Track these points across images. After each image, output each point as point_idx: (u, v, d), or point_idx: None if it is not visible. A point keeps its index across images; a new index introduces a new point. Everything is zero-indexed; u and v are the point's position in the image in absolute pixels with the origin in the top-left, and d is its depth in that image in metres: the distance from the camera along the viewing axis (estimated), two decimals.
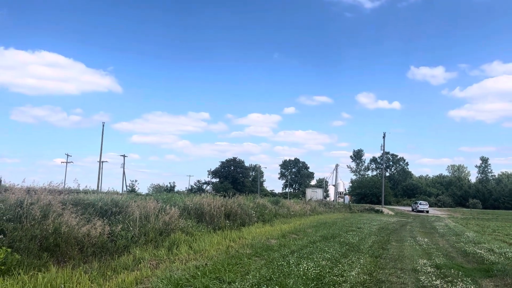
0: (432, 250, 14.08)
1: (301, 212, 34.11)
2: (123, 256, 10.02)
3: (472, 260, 12.14)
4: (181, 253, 10.74)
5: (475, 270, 10.40)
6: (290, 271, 8.61)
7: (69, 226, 9.90)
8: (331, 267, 9.55)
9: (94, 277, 7.67)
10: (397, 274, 9.39)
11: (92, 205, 12.90)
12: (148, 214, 14.14)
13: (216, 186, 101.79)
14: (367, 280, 8.41)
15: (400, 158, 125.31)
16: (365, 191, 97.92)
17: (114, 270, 8.62)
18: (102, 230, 10.93)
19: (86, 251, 9.87)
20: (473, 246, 15.27)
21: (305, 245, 13.28)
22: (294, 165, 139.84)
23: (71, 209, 11.17)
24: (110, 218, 12.75)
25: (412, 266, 10.59)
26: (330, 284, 7.75)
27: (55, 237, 9.27)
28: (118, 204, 14.05)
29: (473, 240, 17.66)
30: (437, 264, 10.95)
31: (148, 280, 7.52)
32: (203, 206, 18.17)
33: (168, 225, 14.11)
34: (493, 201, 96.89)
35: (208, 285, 7.00)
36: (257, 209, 24.25)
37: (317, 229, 19.72)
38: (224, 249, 11.60)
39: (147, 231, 12.56)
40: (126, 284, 7.18)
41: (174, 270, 8.34)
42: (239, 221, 19.50)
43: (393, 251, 13.50)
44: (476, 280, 9.05)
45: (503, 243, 17.17)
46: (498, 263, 11.09)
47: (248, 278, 7.77)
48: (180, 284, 7.05)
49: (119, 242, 10.95)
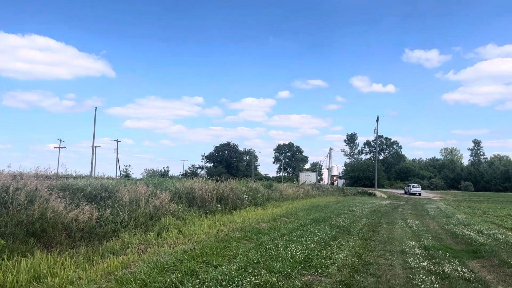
0: (422, 232, 14.16)
1: (294, 195, 34.24)
2: (111, 241, 9.97)
3: (461, 242, 12.22)
4: (170, 237, 10.70)
5: (463, 252, 10.47)
6: (278, 254, 8.60)
7: (56, 211, 9.80)
8: (320, 249, 9.56)
9: (80, 262, 7.61)
10: (386, 256, 9.42)
11: (81, 190, 12.81)
12: (138, 199, 14.09)
13: (210, 171, 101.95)
14: (355, 263, 8.42)
15: (393, 141, 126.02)
16: (358, 175, 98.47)
17: (101, 255, 8.57)
18: (91, 215, 10.85)
19: (74, 236, 9.80)
20: (462, 228, 15.39)
21: (295, 228, 13.29)
22: (288, 149, 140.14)
23: (59, 194, 11.06)
24: (100, 203, 12.68)
25: (401, 248, 10.64)
26: (318, 267, 7.75)
27: (42, 223, 9.19)
28: (108, 189, 13.97)
29: (463, 222, 17.80)
30: (426, 246, 11.01)
31: (135, 265, 7.47)
32: (195, 191, 18.14)
33: (158, 210, 14.07)
34: (485, 183, 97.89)
35: (194, 269, 6.96)
36: (249, 193, 24.28)
37: (309, 212, 19.77)
38: (214, 233, 11.58)
39: (136, 216, 12.50)
40: (112, 269, 7.12)
41: (162, 254, 8.29)
42: (231, 205, 19.52)
43: (383, 233, 13.56)
44: (463, 261, 9.10)
45: (492, 224, 17.32)
46: (486, 244, 11.17)
47: (235, 262, 7.75)
48: (166, 268, 7.00)
49: (107, 227, 10.89)
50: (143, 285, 5.99)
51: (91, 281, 6.29)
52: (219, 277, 6.44)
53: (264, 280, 6.32)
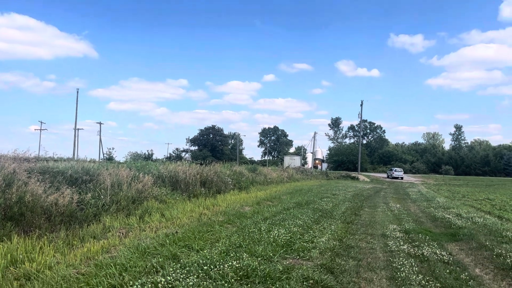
0: (403, 216, 14.38)
1: (278, 179, 34.38)
2: (92, 225, 9.84)
3: (440, 225, 12.45)
4: (152, 221, 10.62)
5: (442, 235, 10.66)
6: (261, 238, 8.61)
7: (35, 195, 9.59)
8: (302, 233, 9.61)
9: (59, 247, 7.49)
10: (367, 240, 9.53)
11: (62, 173, 12.56)
12: (121, 182, 13.90)
13: (195, 154, 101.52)
14: (336, 246, 8.50)
15: (377, 126, 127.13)
16: (342, 159, 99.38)
17: (82, 239, 8.46)
18: (71, 199, 10.65)
19: (54, 220, 9.63)
20: (442, 211, 15.68)
21: (278, 212, 13.34)
22: (273, 133, 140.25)
23: (38, 178, 10.83)
24: (81, 186, 12.47)
25: (382, 231, 10.77)
26: (300, 250, 7.78)
27: (20, 206, 8.98)
28: (89, 172, 13.74)
29: (443, 206, 18.14)
30: (406, 229, 11.18)
31: (115, 249, 7.38)
32: (178, 174, 18.01)
33: (141, 193, 13.93)
34: (465, 167, 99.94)
35: (176, 253, 6.92)
36: (233, 176, 24.26)
37: (292, 196, 19.88)
38: (197, 217, 11.53)
39: (119, 199, 12.35)
40: (92, 253, 7.03)
41: (143, 238, 8.22)
42: (215, 188, 19.48)
43: (365, 217, 13.72)
44: (442, 244, 9.27)
45: (471, 208, 17.70)
46: (465, 227, 11.39)
47: (217, 246, 7.72)
48: (148, 253, 6.94)
49: (88, 211, 10.74)
50: (123, 269, 5.92)
51: (70, 266, 6.19)
52: (200, 261, 6.41)
53: (246, 264, 6.32)
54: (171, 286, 5.23)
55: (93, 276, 5.51)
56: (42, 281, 5.34)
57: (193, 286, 5.24)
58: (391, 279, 6.37)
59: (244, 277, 5.83)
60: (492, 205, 18.94)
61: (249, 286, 5.54)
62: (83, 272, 5.82)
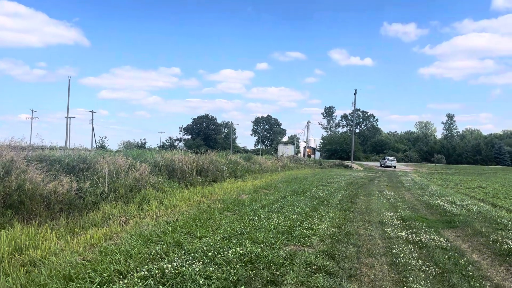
0: (398, 204, 14.55)
1: (273, 168, 34.51)
2: (92, 213, 9.86)
3: (436, 212, 12.63)
4: (151, 209, 10.65)
5: (438, 222, 10.83)
6: (261, 225, 8.70)
7: (34, 182, 9.57)
8: (301, 220, 9.71)
9: (62, 234, 7.51)
10: (365, 227, 9.66)
11: (59, 162, 12.51)
12: (118, 171, 13.89)
13: (188, 143, 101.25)
14: (335, 233, 8.61)
15: (370, 114, 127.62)
16: (335, 147, 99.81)
17: (83, 227, 8.48)
18: (70, 187, 10.64)
19: (53, 208, 9.63)
20: (436, 199, 15.88)
21: (276, 200, 13.44)
22: (266, 122, 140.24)
23: (36, 166, 10.79)
24: (78, 175, 12.44)
25: (379, 219, 10.91)
26: (300, 237, 7.88)
27: (19, 194, 8.97)
28: (86, 160, 13.70)
29: (437, 194, 18.36)
30: (403, 216, 11.33)
31: (118, 236, 7.43)
32: (175, 163, 18.01)
33: (138, 181, 13.94)
34: (457, 156, 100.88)
35: (179, 240, 6.97)
36: (229, 165, 24.31)
37: (288, 184, 20.01)
38: (196, 205, 11.59)
39: (116, 188, 12.36)
40: (95, 240, 7.06)
41: (145, 226, 8.26)
42: (211, 177, 19.54)
43: (361, 204, 13.87)
44: (438, 231, 9.43)
45: (464, 196, 17.95)
46: (460, 214, 11.57)
47: (219, 233, 7.79)
48: (150, 240, 6.99)
49: (87, 199, 10.74)
50: (128, 256, 5.97)
51: (75, 252, 6.22)
52: (204, 248, 6.48)
53: (249, 251, 6.39)
54: (177, 272, 5.28)
55: (99, 263, 5.55)
56: (49, 268, 5.37)
57: (199, 272, 5.30)
58: (392, 265, 6.49)
59: (248, 263, 5.91)
60: (485, 193, 19.22)
61: (254, 271, 5.61)
62: (89, 258, 5.86)
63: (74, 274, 5.08)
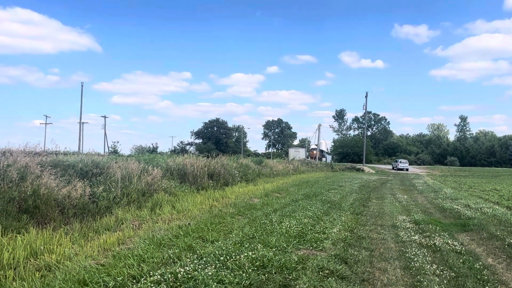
0: (411, 207, 14.42)
1: (284, 171, 34.46)
2: (105, 217, 9.95)
3: (449, 216, 12.48)
4: (164, 213, 10.72)
5: (452, 225, 10.70)
6: (273, 229, 8.69)
7: (49, 188, 9.71)
8: (313, 224, 9.68)
9: (76, 238, 7.60)
10: (377, 230, 9.59)
11: (72, 167, 12.67)
12: (130, 175, 14.02)
13: (199, 147, 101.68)
14: (348, 237, 8.56)
15: (381, 117, 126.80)
16: (346, 150, 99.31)
17: (96, 231, 8.56)
18: (83, 192, 10.78)
19: (67, 212, 9.75)
20: (450, 202, 15.70)
21: (287, 204, 13.42)
22: (277, 125, 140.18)
23: (50, 171, 10.94)
24: (91, 180, 12.58)
25: (392, 222, 10.83)
26: (312, 241, 7.86)
27: (34, 199, 9.09)
28: (99, 165, 13.85)
29: (450, 196, 18.15)
30: (416, 220, 11.22)
31: (131, 241, 7.49)
32: (186, 167, 18.11)
33: (150, 186, 14.04)
34: (470, 158, 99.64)
35: (191, 245, 7.00)
36: (240, 169, 24.35)
37: (300, 188, 19.96)
38: (207, 209, 11.63)
39: (129, 192, 12.46)
40: (108, 244, 7.13)
41: (157, 230, 8.31)
42: (222, 181, 19.58)
43: (374, 208, 13.77)
44: (453, 235, 9.32)
45: (479, 198, 17.70)
46: (474, 218, 11.42)
47: (231, 237, 7.81)
48: (163, 244, 7.03)
49: (100, 203, 10.84)
50: (141, 260, 6.01)
51: (89, 257, 6.29)
52: (216, 252, 6.50)
53: (261, 255, 6.40)
54: (190, 276, 5.31)
55: (113, 267, 5.60)
56: (64, 272, 5.43)
57: (212, 276, 5.32)
58: (405, 269, 6.43)
59: (260, 267, 5.91)
60: (499, 196, 18.92)
61: (266, 276, 5.61)
62: (102, 263, 5.92)
63: (88, 278, 5.14)
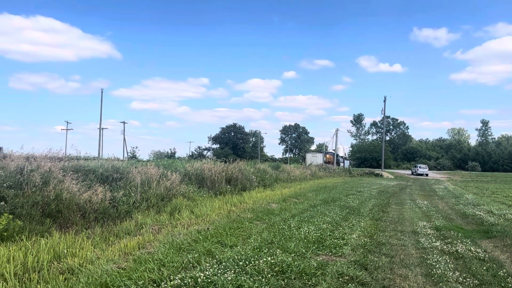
0: (431, 213, 14.19)
1: (301, 176, 34.33)
2: (125, 222, 10.08)
3: (472, 222, 12.24)
4: (182, 218, 10.80)
5: (474, 232, 10.50)
6: (291, 235, 8.67)
7: (71, 192, 9.90)
8: (332, 230, 9.62)
9: (97, 242, 7.72)
10: (398, 236, 9.47)
11: (93, 172, 12.90)
12: (150, 180, 14.18)
13: (216, 152, 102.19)
14: (367, 243, 8.48)
15: (400, 122, 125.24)
16: (365, 155, 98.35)
17: (117, 235, 8.67)
18: (104, 196, 10.95)
19: (88, 217, 9.92)
20: (472, 208, 15.39)
21: (305, 209, 13.37)
22: (294, 130, 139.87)
23: (72, 176, 11.16)
24: (111, 184, 12.78)
25: (412, 228, 10.68)
26: (331, 247, 7.80)
27: (57, 203, 9.29)
28: (119, 170, 14.05)
29: (472, 202, 17.79)
30: (437, 226, 11.04)
31: (151, 245, 7.57)
32: (204, 172, 18.21)
33: (169, 191, 14.17)
34: (493, 163, 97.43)
35: (210, 249, 7.04)
36: (257, 174, 24.36)
37: (318, 193, 19.85)
38: (226, 214, 11.67)
39: (148, 197, 12.61)
40: (129, 249, 7.22)
41: (176, 234, 8.39)
42: (240, 186, 19.62)
43: (393, 214, 13.61)
44: (475, 241, 9.13)
45: (502, 204, 17.31)
46: (498, 224, 11.17)
47: (249, 242, 7.82)
48: (182, 249, 7.09)
49: (120, 208, 10.99)
50: (161, 264, 6.07)
51: (110, 260, 6.39)
52: (235, 257, 6.52)
53: (280, 260, 6.39)
54: (210, 281, 5.34)
55: (134, 271, 5.68)
56: (87, 275, 5.53)
57: (231, 281, 5.34)
58: (426, 276, 6.33)
59: (279, 273, 5.90)
60: None
61: (285, 281, 5.60)
62: (123, 266, 6.00)
63: (110, 282, 5.22)
